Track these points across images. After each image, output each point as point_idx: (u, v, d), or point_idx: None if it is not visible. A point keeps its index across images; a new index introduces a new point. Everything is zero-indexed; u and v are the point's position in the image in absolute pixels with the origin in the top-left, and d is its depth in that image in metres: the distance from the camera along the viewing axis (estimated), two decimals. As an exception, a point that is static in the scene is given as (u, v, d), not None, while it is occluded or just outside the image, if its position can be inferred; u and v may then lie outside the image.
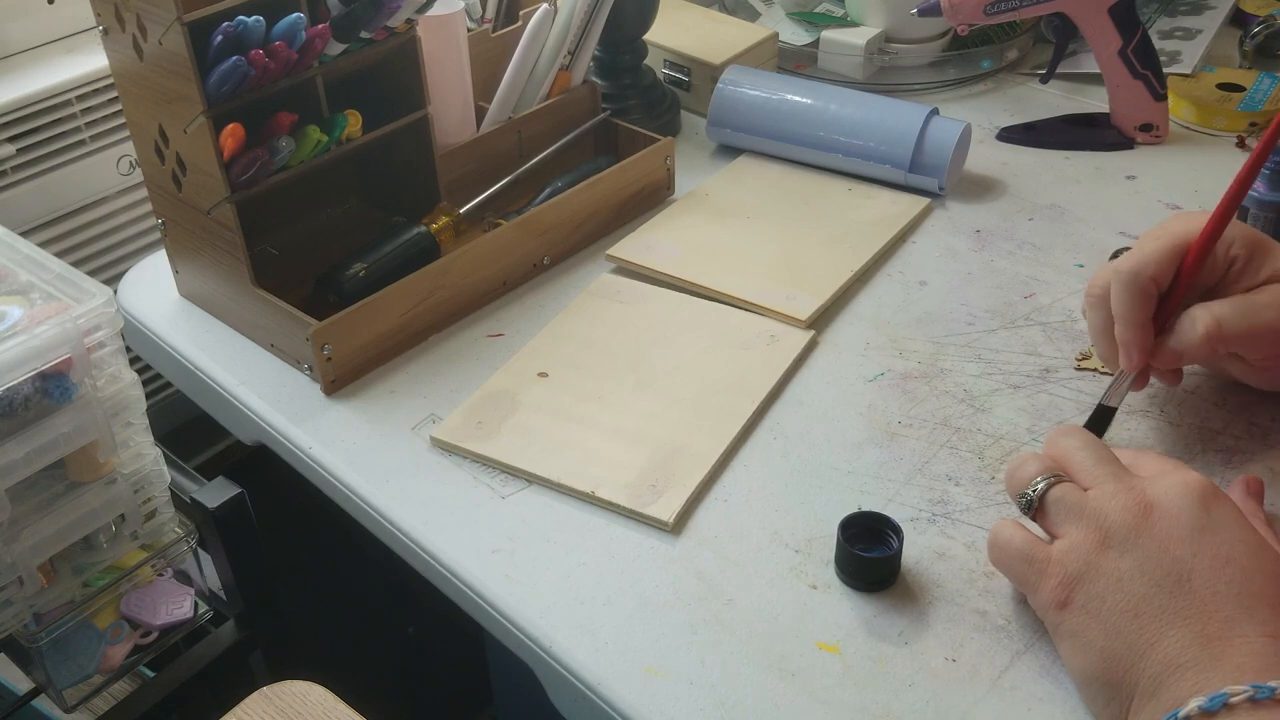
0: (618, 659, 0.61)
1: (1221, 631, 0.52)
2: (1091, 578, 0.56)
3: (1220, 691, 0.50)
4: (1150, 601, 0.54)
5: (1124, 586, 0.55)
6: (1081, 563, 0.56)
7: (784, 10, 1.19)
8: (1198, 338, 0.66)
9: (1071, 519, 0.58)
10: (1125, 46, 0.98)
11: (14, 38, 1.06)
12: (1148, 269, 0.67)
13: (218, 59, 0.71)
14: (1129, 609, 0.54)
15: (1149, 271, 0.67)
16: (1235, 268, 0.68)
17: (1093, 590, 0.56)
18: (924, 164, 0.94)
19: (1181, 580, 0.54)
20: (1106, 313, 0.69)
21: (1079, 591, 0.56)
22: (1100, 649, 0.55)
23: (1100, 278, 0.70)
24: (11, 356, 0.63)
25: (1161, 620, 0.53)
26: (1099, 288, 0.70)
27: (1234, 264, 0.68)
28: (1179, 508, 0.56)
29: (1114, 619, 0.55)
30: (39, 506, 0.69)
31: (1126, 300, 0.68)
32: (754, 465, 0.72)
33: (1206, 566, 0.54)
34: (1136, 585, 0.55)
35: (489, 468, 0.73)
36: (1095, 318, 0.71)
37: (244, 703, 0.62)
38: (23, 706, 0.82)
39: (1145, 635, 0.53)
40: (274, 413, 0.78)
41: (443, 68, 0.88)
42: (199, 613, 0.81)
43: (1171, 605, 0.54)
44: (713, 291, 0.85)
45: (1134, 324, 0.68)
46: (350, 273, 0.82)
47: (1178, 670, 0.52)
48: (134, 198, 1.12)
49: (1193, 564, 0.54)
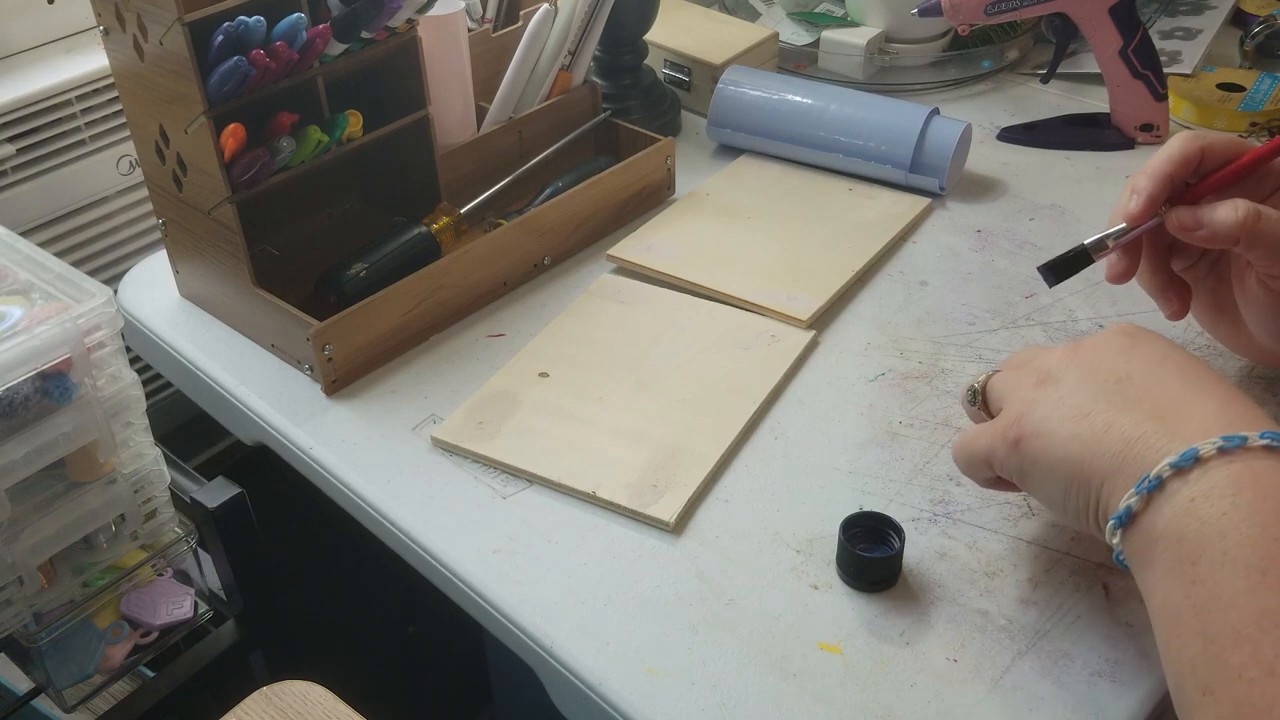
0: (619, 659, 0.61)
1: (1172, 405, 0.54)
2: (1035, 407, 0.58)
3: (1189, 448, 0.51)
4: (1095, 403, 0.56)
5: (1067, 400, 0.57)
6: (1023, 401, 0.59)
7: (784, 10, 1.19)
8: (1235, 219, 0.63)
9: (1009, 385, 0.61)
10: (1126, 46, 0.98)
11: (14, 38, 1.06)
12: (1207, 139, 0.66)
13: (218, 59, 0.71)
14: (1076, 415, 0.56)
15: (1205, 142, 0.66)
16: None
17: (1038, 415, 0.57)
18: (924, 164, 0.94)
19: (1121, 380, 0.56)
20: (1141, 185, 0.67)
21: (1026, 423, 0.58)
22: (1059, 459, 0.56)
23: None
24: (11, 356, 0.63)
25: (1110, 413, 0.55)
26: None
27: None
28: (1105, 338, 0.59)
29: (1065, 427, 0.56)
30: (39, 506, 0.69)
31: (1165, 152, 0.66)
32: (755, 465, 0.72)
33: (1141, 367, 0.56)
34: (1078, 395, 0.57)
35: (490, 468, 0.73)
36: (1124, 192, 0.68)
37: (244, 703, 0.62)
38: (23, 706, 0.82)
39: (1097, 428, 0.55)
40: (274, 413, 0.78)
41: (443, 68, 0.88)
42: (199, 613, 0.81)
43: (1117, 399, 0.55)
44: (713, 291, 0.85)
45: (1155, 174, 0.66)
46: (350, 273, 0.82)
47: (1138, 443, 0.53)
48: (134, 198, 1.12)
49: (1128, 368, 0.56)
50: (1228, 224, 0.64)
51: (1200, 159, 0.66)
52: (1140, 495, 0.51)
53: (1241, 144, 0.67)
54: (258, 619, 0.82)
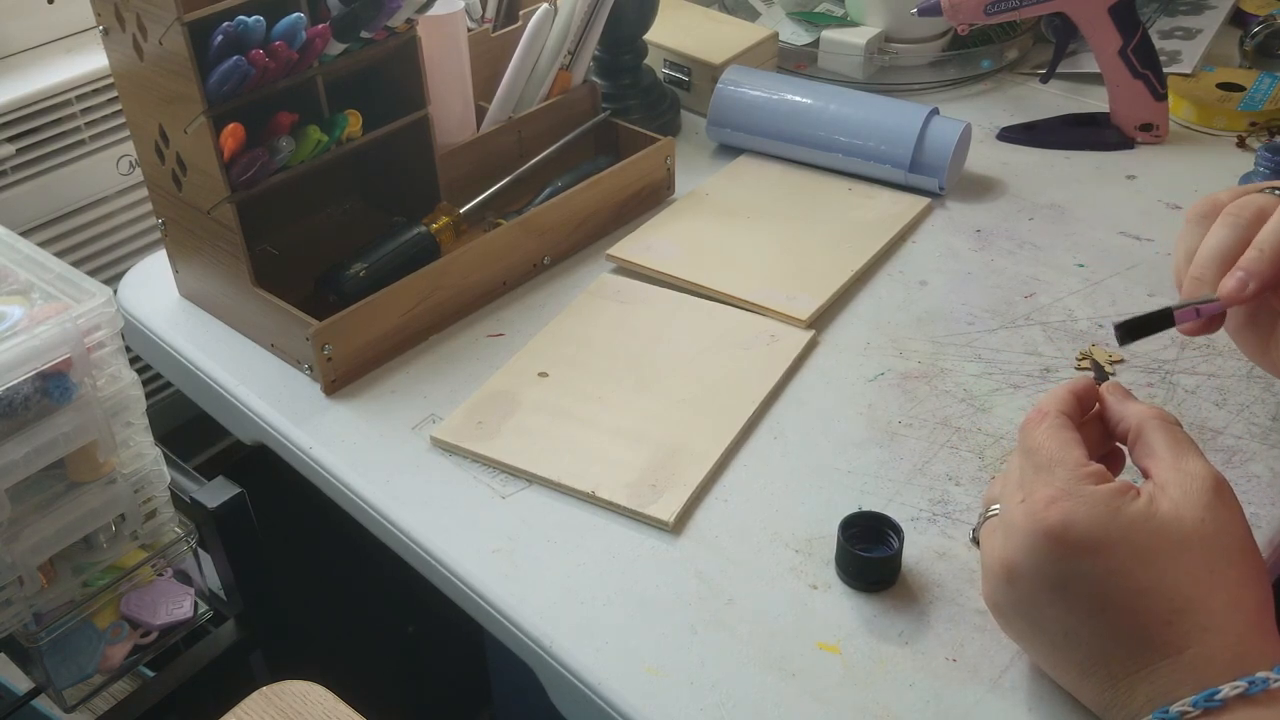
0: (618, 659, 0.61)
1: (1126, 670, 0.52)
2: (1003, 623, 0.58)
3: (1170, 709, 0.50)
4: (1049, 660, 0.56)
5: (1024, 642, 0.58)
6: (992, 605, 0.58)
7: (784, 10, 1.19)
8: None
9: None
10: (1125, 46, 0.98)
11: (14, 38, 1.06)
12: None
13: (218, 59, 0.71)
14: (1042, 659, 0.57)
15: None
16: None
17: (1012, 629, 0.58)
18: (924, 164, 0.94)
19: (1069, 634, 0.54)
20: (1227, 236, 0.61)
21: (1006, 626, 0.58)
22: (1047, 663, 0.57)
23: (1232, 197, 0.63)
24: (11, 356, 0.63)
25: (1069, 678, 0.55)
26: (1217, 205, 0.63)
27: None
28: (1031, 567, 0.53)
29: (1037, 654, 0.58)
30: (39, 506, 0.69)
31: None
32: (754, 465, 0.72)
33: (1083, 622, 0.53)
34: (1031, 646, 0.57)
35: (489, 468, 0.73)
36: (1203, 236, 0.62)
37: (244, 703, 0.62)
38: (23, 706, 0.82)
39: (1067, 683, 0.56)
40: (274, 413, 0.78)
41: (443, 68, 0.88)
42: (199, 613, 0.81)
43: (1073, 662, 0.54)
44: (713, 291, 0.85)
45: (1274, 257, 0.59)
46: (350, 273, 0.82)
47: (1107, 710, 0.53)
48: (134, 198, 1.12)
49: (1066, 621, 0.53)
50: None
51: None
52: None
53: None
54: (258, 619, 0.82)
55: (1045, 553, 0.52)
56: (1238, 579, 0.51)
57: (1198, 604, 0.50)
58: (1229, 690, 0.48)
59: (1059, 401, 0.57)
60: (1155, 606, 0.51)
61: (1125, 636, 0.52)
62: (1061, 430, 0.55)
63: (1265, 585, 0.52)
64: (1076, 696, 0.56)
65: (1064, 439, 0.55)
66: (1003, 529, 0.55)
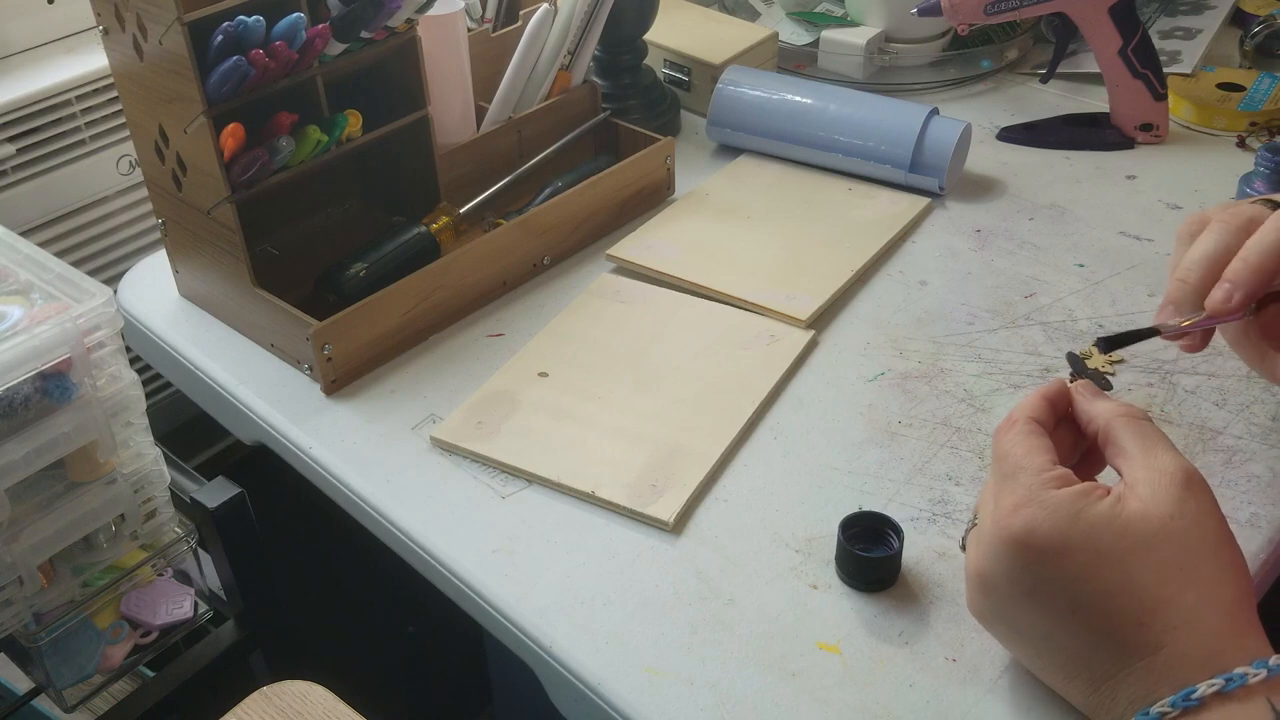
0: (618, 659, 0.61)
1: (1106, 673, 0.52)
2: (989, 630, 0.58)
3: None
4: (1035, 665, 0.57)
5: (1010, 648, 0.58)
6: (975, 614, 0.58)
7: (784, 10, 1.19)
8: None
9: None
10: (1125, 46, 0.98)
11: (14, 38, 1.06)
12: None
13: (218, 59, 0.71)
14: (1028, 664, 0.58)
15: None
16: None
17: (997, 636, 0.58)
18: (924, 164, 0.94)
19: (1048, 639, 0.54)
20: (1215, 242, 0.61)
21: (992, 632, 0.59)
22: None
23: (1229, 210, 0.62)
24: (11, 356, 0.63)
25: (1056, 682, 0.55)
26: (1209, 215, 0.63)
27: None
28: (1001, 575, 0.54)
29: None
30: (39, 506, 0.69)
31: (1266, 240, 0.59)
32: (754, 465, 0.72)
33: (1058, 627, 0.53)
34: (1017, 652, 0.58)
35: (489, 468, 0.73)
36: (1189, 247, 0.62)
37: (244, 703, 0.62)
38: (23, 706, 0.82)
39: (1055, 686, 0.56)
40: (274, 413, 0.78)
41: (443, 68, 0.88)
42: (199, 613, 0.81)
43: (1057, 666, 0.55)
44: (713, 291, 0.85)
45: (1259, 267, 0.59)
46: (350, 273, 0.82)
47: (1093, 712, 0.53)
48: (134, 198, 1.12)
49: (1043, 626, 0.54)
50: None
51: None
52: None
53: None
54: (258, 619, 0.82)
55: (1012, 560, 0.53)
56: (1211, 574, 0.51)
57: (1169, 602, 0.50)
58: (1205, 689, 0.49)
59: (1028, 407, 0.58)
60: (1126, 607, 0.51)
61: (1101, 639, 0.52)
62: (1028, 437, 0.55)
63: (1243, 576, 0.52)
64: (1067, 699, 0.56)
65: (1029, 445, 0.55)
66: (975, 538, 0.56)
